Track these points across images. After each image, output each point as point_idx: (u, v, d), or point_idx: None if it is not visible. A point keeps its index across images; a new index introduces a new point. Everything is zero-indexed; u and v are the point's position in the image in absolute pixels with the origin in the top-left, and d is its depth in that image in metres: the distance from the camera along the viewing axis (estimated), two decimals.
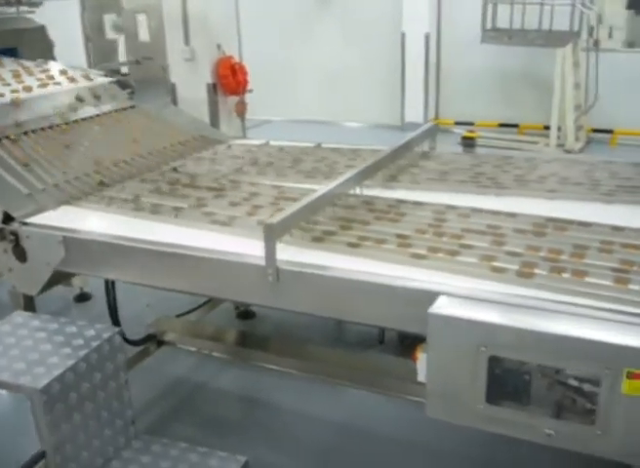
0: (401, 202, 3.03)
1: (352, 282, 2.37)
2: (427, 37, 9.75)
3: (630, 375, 1.92)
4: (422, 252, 2.50)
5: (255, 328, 4.83)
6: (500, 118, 9.73)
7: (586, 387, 2.01)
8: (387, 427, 3.73)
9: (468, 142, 5.64)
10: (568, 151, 8.41)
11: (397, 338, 4.26)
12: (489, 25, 9.06)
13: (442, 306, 2.13)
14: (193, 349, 4.28)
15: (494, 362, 2.08)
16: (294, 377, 3.92)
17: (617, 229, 2.66)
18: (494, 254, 2.46)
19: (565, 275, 2.30)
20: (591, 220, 2.73)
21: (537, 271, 2.34)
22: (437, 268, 2.38)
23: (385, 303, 2.33)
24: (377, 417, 3.82)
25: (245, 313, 4.91)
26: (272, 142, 4.31)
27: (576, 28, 8.87)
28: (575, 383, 2.02)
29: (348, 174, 3.04)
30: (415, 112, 9.77)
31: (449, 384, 2.17)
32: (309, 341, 4.50)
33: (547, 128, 8.83)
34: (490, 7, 8.96)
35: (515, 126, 9.65)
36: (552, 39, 8.65)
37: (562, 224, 2.72)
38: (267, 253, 2.46)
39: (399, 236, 2.64)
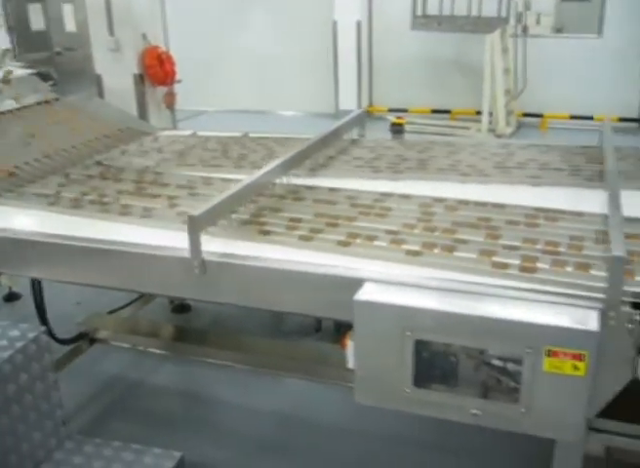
0: (332, 190, 3.02)
1: (278, 271, 2.35)
2: (359, 25, 9.77)
3: (550, 353, 1.96)
4: (347, 239, 2.50)
5: (191, 321, 4.78)
6: (432, 104, 9.85)
7: (510, 367, 2.04)
8: (327, 415, 3.74)
9: (397, 129, 5.70)
10: (499, 136, 8.57)
11: (333, 326, 4.28)
12: (419, 12, 9.15)
13: (367, 292, 2.13)
14: (127, 346, 4.21)
15: (419, 345, 2.09)
16: (232, 370, 3.89)
17: (539, 210, 2.71)
18: (418, 239, 2.48)
19: (484, 257, 2.33)
20: (505, 202, 2.78)
21: (459, 254, 2.36)
22: (363, 255, 2.38)
23: (312, 292, 2.32)
24: (315, 406, 3.83)
25: (180, 307, 4.85)
26: (200, 133, 4.25)
27: (504, 14, 9.02)
28: (499, 363, 2.05)
29: (275, 163, 3.01)
30: (348, 100, 9.79)
31: (376, 370, 2.18)
32: (247, 333, 4.48)
33: (479, 113, 8.97)
34: None
35: (448, 112, 9.78)
36: (481, 25, 8.80)
37: (475, 206, 2.76)
38: (192, 246, 2.41)
39: (329, 224, 2.63)
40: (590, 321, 1.94)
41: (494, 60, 8.62)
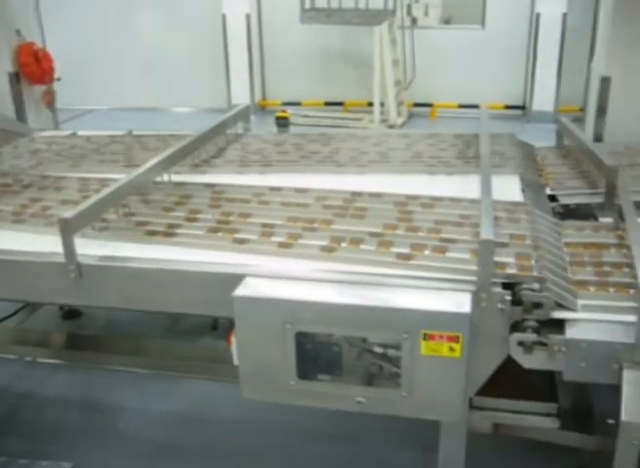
0: (210, 186, 2.98)
1: (157, 271, 2.30)
2: (248, 18, 9.69)
3: (427, 337, 2.00)
4: (230, 235, 2.48)
5: (83, 327, 4.61)
6: (325, 97, 9.90)
7: (390, 353, 2.08)
8: (225, 412, 3.69)
9: (282, 122, 5.69)
10: (391, 126, 8.72)
11: (229, 324, 4.22)
12: (308, 5, 9.17)
13: (245, 288, 2.12)
14: (14, 357, 4.02)
15: (301, 338, 2.10)
16: (128, 374, 3.78)
17: (411, 198, 2.78)
18: (298, 232, 2.48)
19: (363, 246, 2.35)
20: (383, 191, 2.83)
21: (333, 244, 2.38)
22: (242, 251, 2.36)
23: (193, 290, 2.29)
24: (214, 404, 3.77)
25: (70, 312, 4.67)
26: (81, 132, 4.11)
27: (391, 7, 9.16)
28: (380, 350, 2.09)
29: (154, 160, 2.95)
30: (241, 94, 9.71)
31: (260, 364, 2.18)
32: (142, 335, 4.37)
33: (371, 104, 9.09)
34: None
35: (341, 104, 9.86)
36: (369, 17, 8.90)
37: (351, 196, 2.79)
38: (66, 250, 2.33)
39: (219, 222, 2.60)
40: (463, 303, 2.00)
41: (383, 52, 8.75)
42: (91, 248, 2.41)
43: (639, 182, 3.10)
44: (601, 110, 4.40)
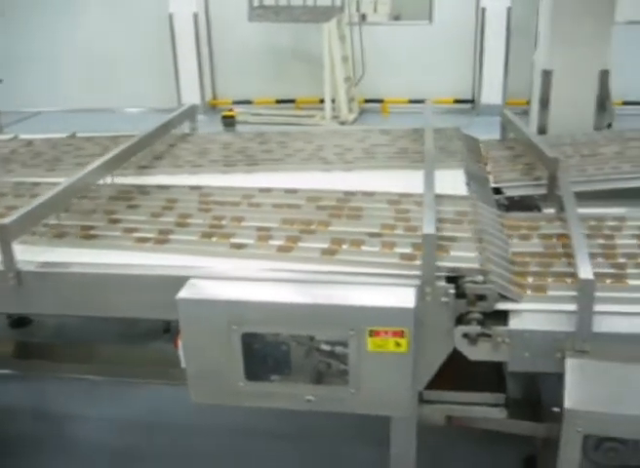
0: (160, 187, 2.94)
1: (100, 276, 2.26)
2: (196, 17, 9.59)
3: (372, 333, 2.01)
4: (169, 237, 2.45)
5: (32, 335, 4.51)
6: (276, 94, 9.87)
7: (338, 350, 2.08)
8: (180, 416, 3.65)
9: (229, 121, 5.63)
10: (343, 123, 8.73)
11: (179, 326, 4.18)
12: (256, 3, 9.12)
13: (189, 290, 2.10)
14: None
15: (248, 338, 2.08)
16: (80, 382, 3.71)
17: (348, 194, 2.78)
18: (237, 232, 2.46)
19: (304, 244, 2.35)
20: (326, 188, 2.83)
21: (274, 243, 2.37)
22: (185, 252, 2.34)
23: (137, 293, 2.25)
24: (168, 408, 3.73)
25: (19, 320, 4.56)
26: (23, 136, 4.01)
27: (339, 3, 9.18)
28: (327, 348, 2.08)
29: (97, 162, 2.89)
30: (191, 94, 9.61)
31: (207, 367, 2.16)
32: (93, 341, 4.29)
33: (322, 101, 9.09)
34: None
35: (292, 101, 9.84)
36: (317, 14, 8.90)
37: (285, 194, 2.79)
38: (4, 256, 2.27)
39: (157, 227, 2.56)
40: (407, 298, 2.00)
41: (332, 49, 8.76)
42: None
43: (580, 173, 3.16)
44: (544, 103, 4.48)
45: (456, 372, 2.26)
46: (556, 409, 2.02)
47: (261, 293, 2.06)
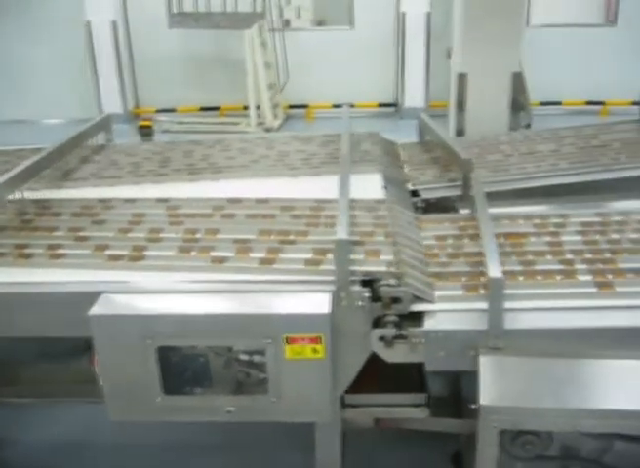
0: (68, 201, 2.87)
1: (6, 295, 2.18)
2: (114, 24, 9.41)
3: (289, 341, 2.00)
4: (81, 251, 2.39)
5: None
6: (200, 102, 9.78)
7: (256, 359, 2.06)
8: (104, 434, 3.57)
9: (145, 131, 5.54)
10: (268, 129, 8.72)
11: None
12: (175, 9, 9.02)
13: (101, 306, 2.05)
14: None
15: (164, 352, 2.04)
16: (2, 405, 3.57)
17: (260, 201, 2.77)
18: (146, 244, 2.42)
19: (212, 254, 2.32)
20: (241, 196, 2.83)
21: (182, 255, 2.35)
22: (95, 267, 2.29)
23: (46, 312, 2.18)
24: (92, 427, 3.63)
25: None
26: None
27: (259, 10, 9.16)
28: (246, 358, 2.07)
29: (4, 177, 2.79)
30: (112, 103, 9.42)
31: (123, 383, 2.11)
32: (12, 362, 4.14)
33: (247, 108, 9.05)
34: None
35: (216, 109, 9.77)
36: (238, 21, 8.86)
37: (204, 202, 2.77)
38: None
39: (77, 238, 2.50)
40: (322, 304, 2.01)
41: (254, 55, 8.74)
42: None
43: (493, 173, 3.24)
44: (460, 105, 4.58)
45: (380, 375, 2.27)
46: (474, 406, 2.06)
47: (175, 306, 2.03)
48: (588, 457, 2.22)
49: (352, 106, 9.61)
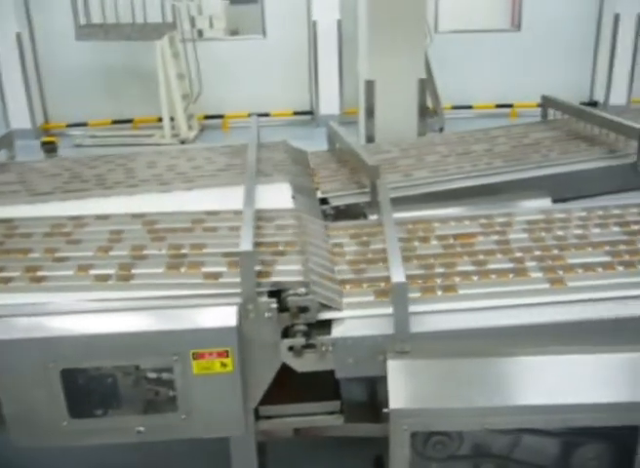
0: None
1: None
2: (19, 37, 9.09)
3: (196, 356, 1.98)
4: None
5: None
6: (113, 115, 9.56)
7: (165, 376, 2.03)
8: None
9: (49, 148, 5.36)
10: (183, 141, 8.60)
11: None
12: (82, 21, 8.80)
13: None
14: None
15: (68, 375, 1.98)
16: None
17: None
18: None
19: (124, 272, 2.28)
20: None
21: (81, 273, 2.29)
22: None
23: None
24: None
25: None
26: None
27: (170, 20, 9.05)
28: (154, 375, 2.03)
29: None
30: (20, 119, 9.12)
31: (27, 409, 2.03)
32: None
33: (161, 120, 8.92)
34: (80, 1, 8.70)
35: (130, 121, 9.59)
36: (148, 32, 8.72)
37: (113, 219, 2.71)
38: None
39: None
40: (229, 317, 1.99)
41: (166, 66, 8.62)
42: None
43: (401, 179, 3.30)
44: (369, 112, 4.63)
45: (297, 384, 2.27)
46: (385, 410, 2.08)
47: (77, 326, 1.98)
48: (499, 454, 2.28)
49: (268, 115, 9.69)
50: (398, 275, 2.04)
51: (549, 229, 2.62)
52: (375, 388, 2.66)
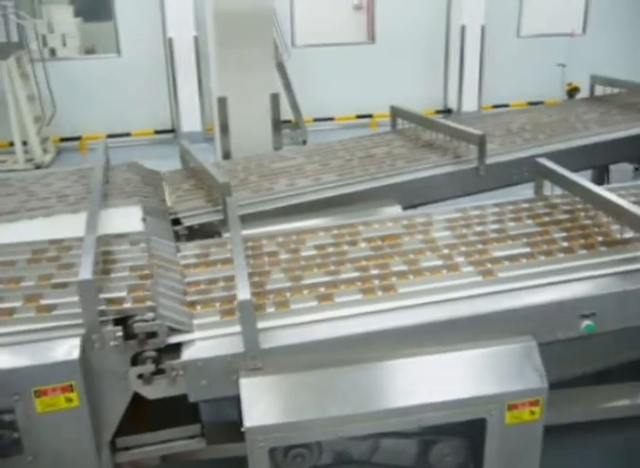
0: None
1: None
2: None
3: (39, 394, 1.89)
4: None
5: None
6: None
7: (7, 418, 1.93)
8: None
9: None
10: (38, 166, 8.22)
11: None
12: None
13: None
14: None
15: None
16: None
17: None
18: None
19: None
20: None
21: None
22: None
23: None
24: None
25: None
26: None
27: (16, 39, 8.65)
28: None
29: None
30: None
31: None
32: None
33: (13, 144, 8.50)
34: None
35: None
36: None
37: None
38: None
39: None
40: (70, 350, 1.92)
41: (15, 88, 8.23)
42: None
43: (252, 195, 3.31)
44: (224, 129, 4.63)
45: (160, 411, 2.21)
46: (242, 429, 2.07)
47: None
48: (361, 459, 2.33)
49: (129, 135, 9.46)
50: (244, 293, 2.04)
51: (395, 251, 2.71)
52: (238, 407, 2.66)
